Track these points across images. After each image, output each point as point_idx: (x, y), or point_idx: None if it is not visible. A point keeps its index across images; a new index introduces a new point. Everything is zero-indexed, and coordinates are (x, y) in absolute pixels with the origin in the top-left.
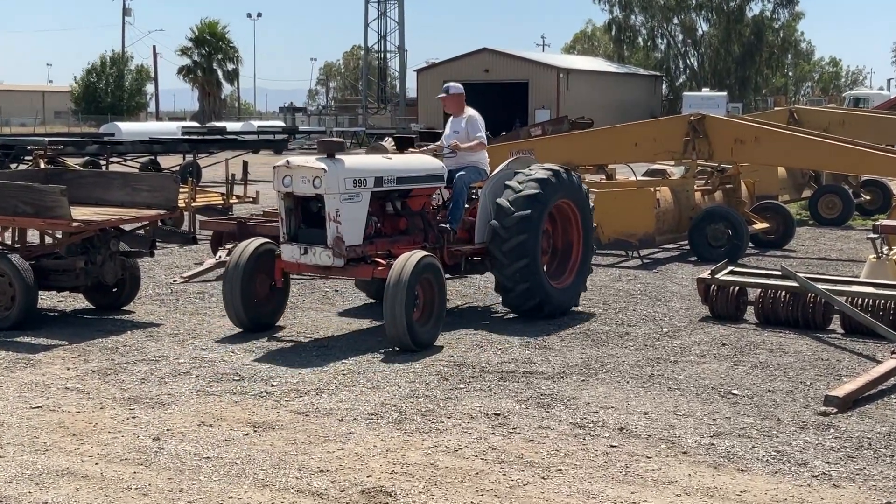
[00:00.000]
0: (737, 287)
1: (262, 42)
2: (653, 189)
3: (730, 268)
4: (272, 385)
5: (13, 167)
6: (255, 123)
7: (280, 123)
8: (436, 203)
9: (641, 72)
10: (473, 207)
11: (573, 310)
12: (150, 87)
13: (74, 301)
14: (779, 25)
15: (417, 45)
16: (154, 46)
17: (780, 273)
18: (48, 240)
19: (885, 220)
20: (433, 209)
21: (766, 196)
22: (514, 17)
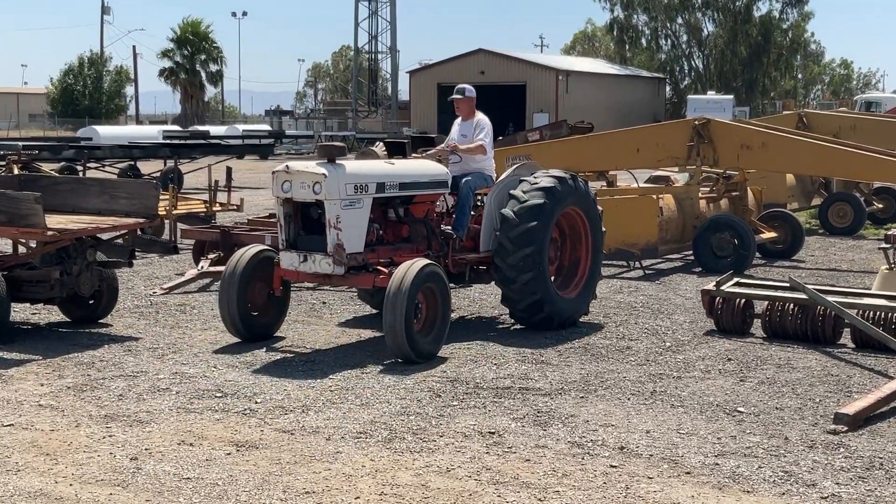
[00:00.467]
0: (743, 299)
1: (248, 42)
2: (656, 197)
3: (736, 279)
4: (256, 402)
5: None
6: (240, 127)
7: (266, 127)
8: (440, 210)
9: (644, 74)
10: (478, 215)
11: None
12: (130, 90)
13: (49, 314)
14: (787, 26)
15: (410, 46)
16: (134, 46)
17: (789, 285)
18: (22, 249)
19: None
20: (437, 216)
21: (774, 204)
22: (512, 17)
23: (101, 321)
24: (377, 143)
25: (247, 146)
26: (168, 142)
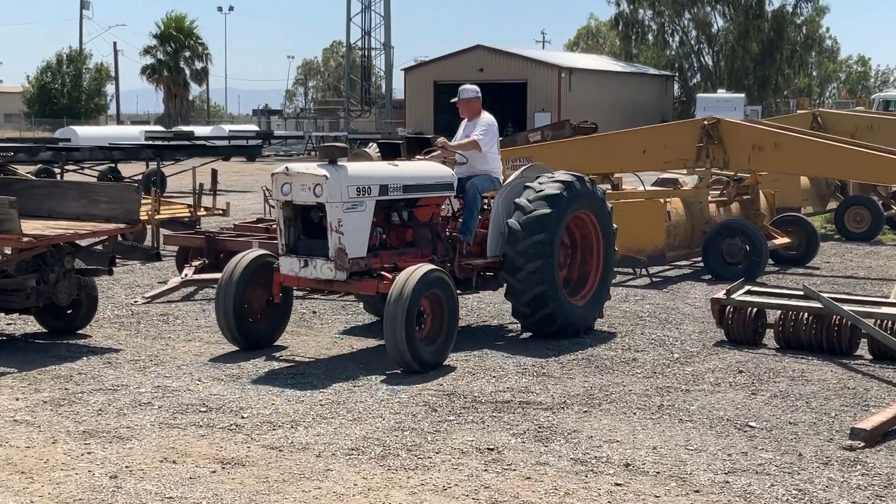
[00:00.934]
0: (755, 308)
1: (235, 38)
2: (663, 200)
3: (747, 287)
4: (242, 417)
5: None
6: (226, 128)
7: (254, 127)
8: (445, 213)
9: (651, 71)
10: (485, 219)
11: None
12: (111, 88)
13: (25, 324)
14: (801, 21)
15: (405, 42)
16: (115, 43)
17: (803, 293)
18: None
19: None
20: (442, 220)
21: (788, 208)
22: (512, 12)
23: (80, 332)
24: (370, 145)
25: (233, 147)
26: (150, 143)
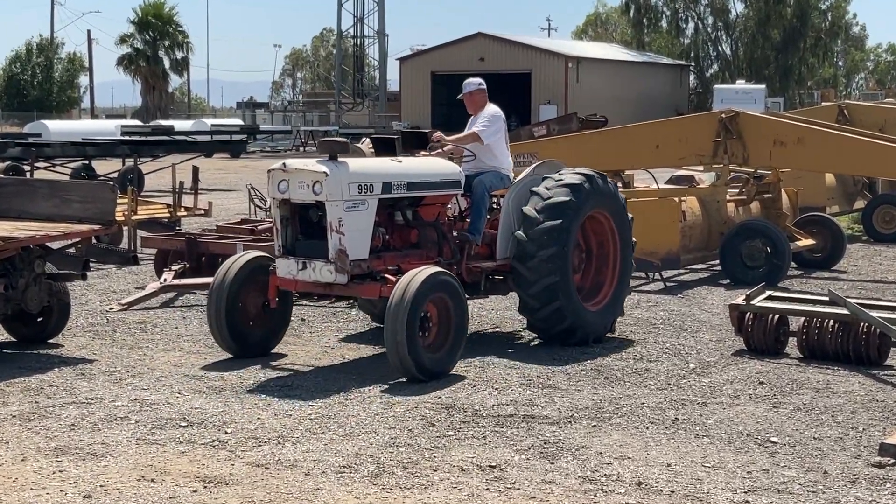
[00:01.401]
0: (776, 315)
1: (217, 26)
2: (678, 199)
3: (768, 292)
4: (225, 432)
5: None
6: (209, 122)
7: (238, 122)
8: (452, 212)
9: (664, 61)
10: (494, 219)
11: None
12: (85, 80)
13: None
14: (826, 6)
15: (400, 30)
16: (89, 31)
17: (828, 298)
18: None
19: None
20: (449, 219)
21: (812, 208)
22: None
23: (51, 341)
24: (363, 140)
25: (216, 143)
26: (127, 138)
